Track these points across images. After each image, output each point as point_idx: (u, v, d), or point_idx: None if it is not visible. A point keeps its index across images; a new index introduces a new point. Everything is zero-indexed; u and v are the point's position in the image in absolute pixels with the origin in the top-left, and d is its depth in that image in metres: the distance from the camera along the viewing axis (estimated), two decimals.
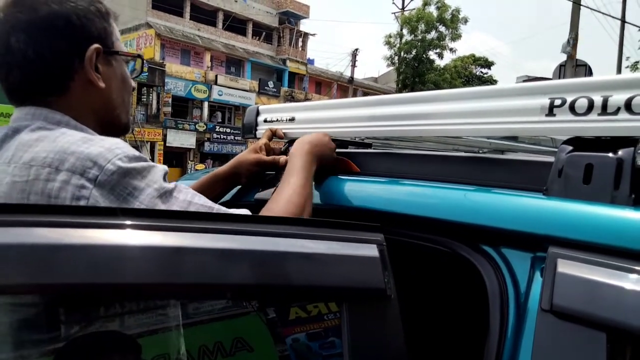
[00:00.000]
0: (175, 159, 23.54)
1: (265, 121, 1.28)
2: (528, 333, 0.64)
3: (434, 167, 0.91)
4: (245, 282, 0.59)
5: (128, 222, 0.54)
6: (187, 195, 0.72)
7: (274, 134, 1.18)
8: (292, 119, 1.20)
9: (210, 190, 1.09)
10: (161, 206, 0.68)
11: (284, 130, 1.18)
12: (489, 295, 0.71)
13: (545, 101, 0.75)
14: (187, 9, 25.25)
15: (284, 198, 0.85)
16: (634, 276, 0.57)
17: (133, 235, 0.55)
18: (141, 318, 0.73)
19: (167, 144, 22.01)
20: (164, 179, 0.72)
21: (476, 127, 0.82)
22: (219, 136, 24.17)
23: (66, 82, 0.76)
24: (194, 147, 23.40)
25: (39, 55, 0.73)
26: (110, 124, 0.83)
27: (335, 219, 0.97)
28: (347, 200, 0.94)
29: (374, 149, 1.19)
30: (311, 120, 1.15)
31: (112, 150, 0.68)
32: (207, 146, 23.64)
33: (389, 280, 0.65)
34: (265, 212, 0.83)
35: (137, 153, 0.71)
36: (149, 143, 20.95)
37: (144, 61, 0.88)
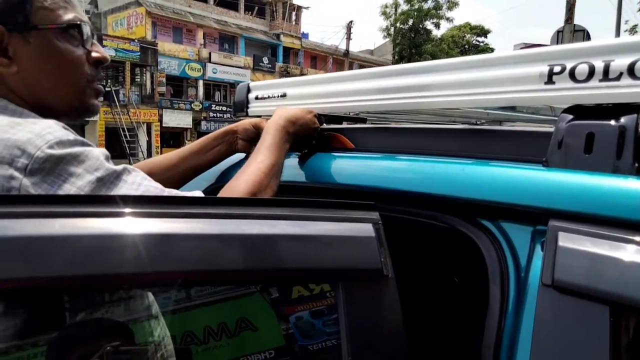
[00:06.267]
0: (173, 139, 23.44)
1: (256, 98, 1.25)
2: (529, 309, 0.62)
3: (430, 141, 0.88)
4: (239, 268, 0.57)
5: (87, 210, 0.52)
6: (136, 177, 0.66)
7: None
8: (283, 95, 1.16)
9: (202, 151, 1.05)
10: (106, 192, 0.62)
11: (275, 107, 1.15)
12: (489, 270, 0.70)
13: (544, 68, 0.72)
14: None
15: (247, 177, 0.79)
16: (637, 248, 0.55)
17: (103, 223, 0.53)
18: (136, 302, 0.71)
19: (163, 125, 21.86)
20: (109, 162, 0.65)
21: (473, 98, 0.79)
22: (215, 115, 24.00)
23: None
24: (191, 127, 23.26)
25: None
26: (51, 109, 0.72)
27: (330, 197, 0.96)
28: (341, 178, 0.92)
29: (369, 123, 1.16)
30: (304, 96, 1.12)
31: (43, 135, 0.61)
32: (204, 125, 23.49)
33: (385, 259, 0.63)
34: (225, 190, 0.77)
35: (72, 137, 0.63)
36: (145, 124, 20.81)
37: (84, 27, 0.73)
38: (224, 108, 24.33)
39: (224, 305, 1.03)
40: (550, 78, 0.72)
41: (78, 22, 0.72)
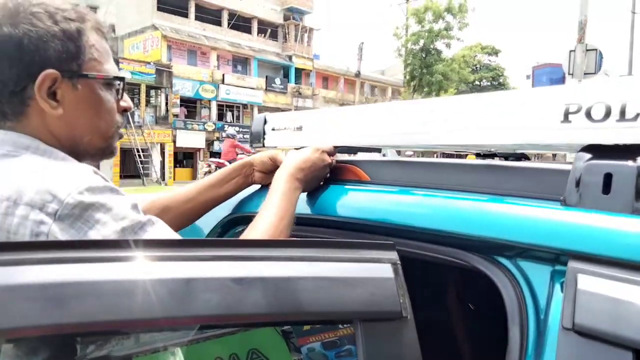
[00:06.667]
0: (186, 159, 23.71)
1: (273, 130, 1.27)
2: (549, 352, 0.62)
3: (446, 176, 0.89)
4: (258, 311, 0.58)
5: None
6: (159, 229, 0.68)
7: None
8: (299, 128, 1.18)
9: (219, 183, 1.07)
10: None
11: (291, 140, 1.16)
12: (507, 310, 0.69)
13: (560, 107, 0.73)
14: (192, 9, 25.31)
15: (258, 233, 0.81)
16: None
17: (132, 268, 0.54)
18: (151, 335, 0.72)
19: (176, 145, 22.13)
20: (136, 211, 0.67)
21: (487, 135, 0.80)
22: None
23: (22, 107, 0.71)
24: (204, 147, 23.51)
25: None
26: (82, 150, 0.77)
27: (344, 230, 0.96)
28: (354, 211, 0.93)
29: (384, 156, 1.17)
30: (320, 129, 1.13)
31: (74, 181, 0.63)
32: (217, 145, 23.71)
33: (404, 300, 0.63)
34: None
35: (102, 183, 0.65)
36: (159, 145, 21.09)
37: (124, 83, 0.80)
38: (237, 129, 24.59)
39: (235, 336, 1.03)
40: (566, 117, 0.72)
41: (121, 76, 0.79)
